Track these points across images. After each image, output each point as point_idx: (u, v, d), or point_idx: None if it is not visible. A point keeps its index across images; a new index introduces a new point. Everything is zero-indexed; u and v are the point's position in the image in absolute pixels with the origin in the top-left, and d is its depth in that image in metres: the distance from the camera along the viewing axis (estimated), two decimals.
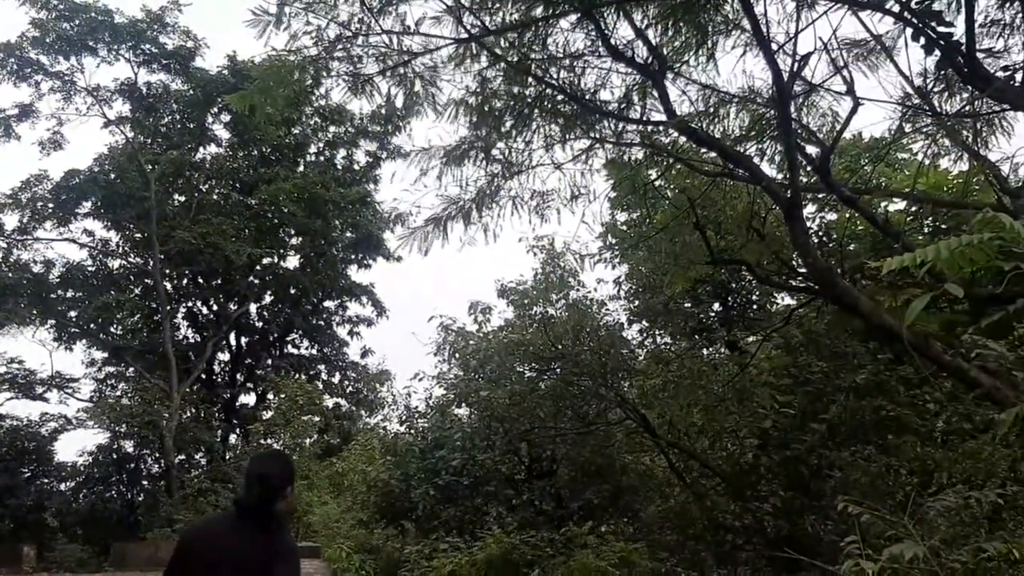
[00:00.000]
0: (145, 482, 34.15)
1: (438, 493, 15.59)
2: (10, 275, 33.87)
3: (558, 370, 13.74)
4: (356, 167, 36.20)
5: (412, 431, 18.53)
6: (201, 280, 36.20)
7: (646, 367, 13.48)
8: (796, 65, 7.37)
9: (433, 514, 15.37)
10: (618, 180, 10.96)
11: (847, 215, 11.44)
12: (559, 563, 10.90)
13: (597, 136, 9.37)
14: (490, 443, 15.45)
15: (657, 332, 15.48)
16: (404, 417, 18.95)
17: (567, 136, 9.23)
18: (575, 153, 9.40)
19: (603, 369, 12.81)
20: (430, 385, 17.63)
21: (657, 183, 11.01)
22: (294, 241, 36.13)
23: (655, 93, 8.27)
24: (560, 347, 13.33)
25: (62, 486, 34.56)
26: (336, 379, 37.95)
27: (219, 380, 37.26)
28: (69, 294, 35.11)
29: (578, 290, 14.92)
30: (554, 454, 14.75)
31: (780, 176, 9.47)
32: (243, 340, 37.65)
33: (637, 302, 15.00)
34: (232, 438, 35.28)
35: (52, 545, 31.46)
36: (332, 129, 35.62)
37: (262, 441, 29.18)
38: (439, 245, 9.17)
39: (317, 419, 30.81)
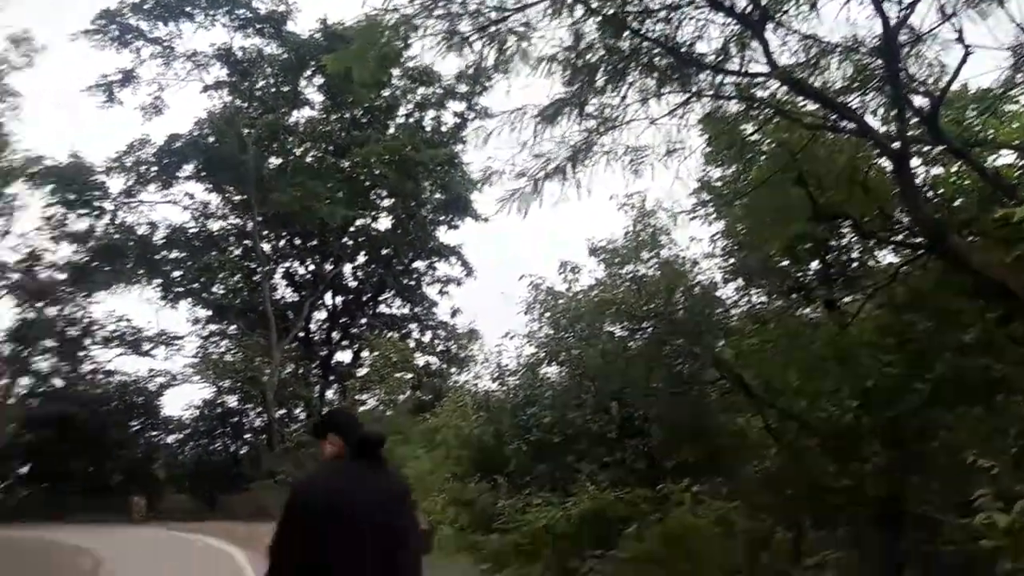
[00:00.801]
0: (248, 435, 35.63)
1: (530, 449, 15.76)
2: (116, 236, 35.45)
3: (650, 329, 13.64)
4: (444, 128, 36.40)
5: (503, 388, 18.73)
6: (298, 241, 37.15)
7: (742, 326, 13.25)
8: (903, 13, 7.07)
9: (525, 470, 15.55)
10: (714, 134, 10.74)
11: (954, 169, 10.97)
12: (655, 520, 10.91)
13: (693, 90, 9.20)
14: (581, 401, 15.49)
15: (753, 291, 15.17)
16: (496, 375, 19.18)
17: (662, 90, 9.07)
18: (670, 108, 9.25)
19: (697, 328, 12.67)
20: (520, 343, 17.74)
21: (754, 137, 10.75)
22: (386, 203, 36.70)
23: (755, 44, 8.06)
24: (652, 306, 13.22)
25: (169, 439, 36.41)
26: (427, 338, 38.63)
27: (316, 338, 38.33)
28: (173, 255, 36.57)
29: (670, 248, 14.74)
30: (646, 414, 14.70)
31: (883, 129, 9.14)
32: (338, 299, 38.59)
33: (732, 260, 14.71)
34: (329, 394, 36.36)
35: (161, 495, 33.13)
36: (421, 90, 35.85)
37: (358, 397, 29.92)
38: (535, 205, 9.15)
39: (410, 376, 31.41)
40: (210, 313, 37.05)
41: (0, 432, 34.78)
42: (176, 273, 36.20)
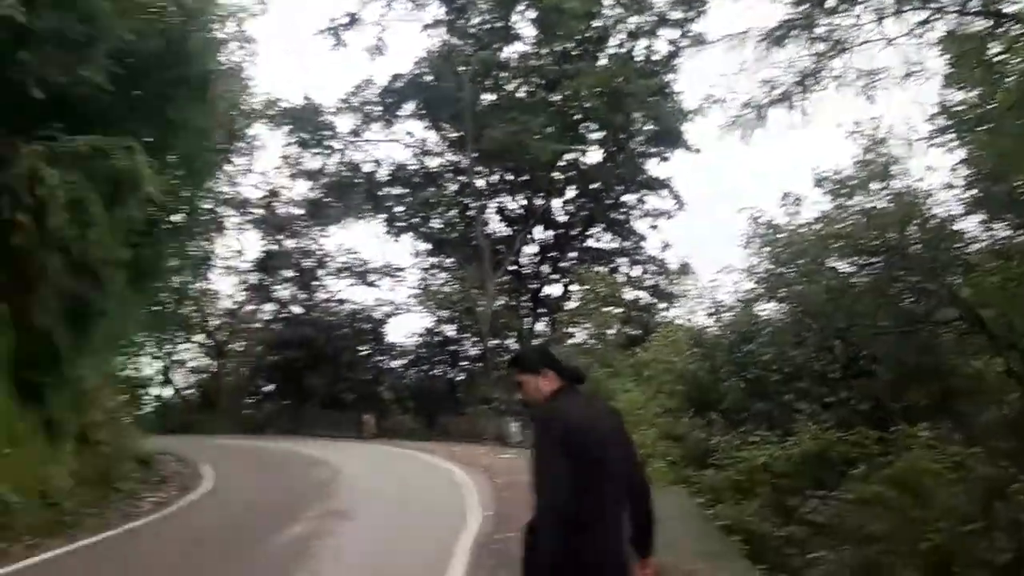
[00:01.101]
0: (464, 363, 37.34)
1: (747, 387, 15.54)
2: (346, 174, 37.74)
3: (880, 265, 12.95)
4: (656, 57, 35.47)
5: (718, 324, 18.47)
6: (509, 176, 37.85)
7: (983, 262, 12.31)
8: None
9: (741, 407, 15.37)
10: (957, 55, 9.95)
11: None
12: (884, 463, 10.49)
13: (936, 6, 8.55)
14: (801, 339, 15.05)
15: (997, 224, 13.99)
16: (711, 310, 18.94)
17: (901, 7, 8.50)
18: (909, 27, 8.67)
19: (932, 264, 11.90)
20: (738, 279, 17.35)
21: (1003, 56, 9.88)
22: (595, 136, 36.47)
23: None
24: (883, 240, 12.53)
25: (394, 364, 38.71)
26: (636, 272, 38.40)
27: (527, 272, 39.16)
28: (396, 191, 38.41)
29: (903, 179, 13.83)
30: (873, 353, 14.05)
31: None
32: (548, 233, 39.08)
33: (974, 191, 13.62)
34: (539, 326, 37.20)
35: (387, 415, 35.45)
36: (632, 19, 34.95)
37: (567, 330, 30.43)
38: (758, 133, 8.90)
39: (619, 310, 31.48)
40: (429, 246, 38.74)
41: (251, 353, 38.59)
42: (398, 208, 38.03)
